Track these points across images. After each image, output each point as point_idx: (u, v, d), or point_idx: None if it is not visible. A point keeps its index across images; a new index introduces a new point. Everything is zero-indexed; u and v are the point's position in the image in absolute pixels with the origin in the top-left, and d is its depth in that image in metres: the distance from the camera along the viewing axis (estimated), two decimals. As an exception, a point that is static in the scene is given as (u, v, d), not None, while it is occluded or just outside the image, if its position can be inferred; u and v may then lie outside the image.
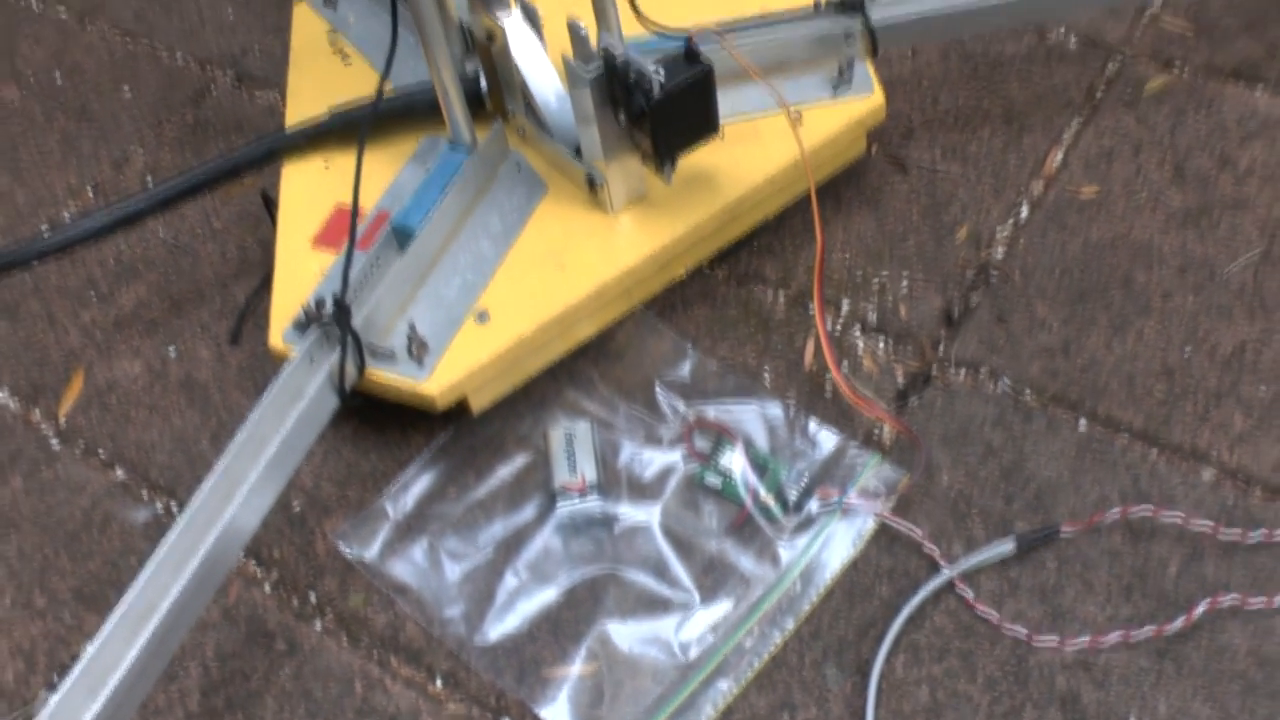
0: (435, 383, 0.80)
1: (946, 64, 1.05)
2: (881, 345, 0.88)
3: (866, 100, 0.92)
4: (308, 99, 1.00)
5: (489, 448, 0.86)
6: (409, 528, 0.82)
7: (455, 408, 0.83)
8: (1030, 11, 0.94)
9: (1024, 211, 0.94)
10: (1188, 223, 0.91)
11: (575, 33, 0.78)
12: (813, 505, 0.79)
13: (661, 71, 0.78)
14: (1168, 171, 0.94)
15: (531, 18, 0.88)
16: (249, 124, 1.13)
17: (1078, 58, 1.04)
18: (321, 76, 1.02)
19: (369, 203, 0.91)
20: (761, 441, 0.83)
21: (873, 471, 0.80)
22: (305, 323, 0.80)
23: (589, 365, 0.88)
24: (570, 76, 0.80)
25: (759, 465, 0.81)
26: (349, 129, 0.94)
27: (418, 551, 0.81)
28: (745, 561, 0.78)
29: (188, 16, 1.24)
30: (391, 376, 0.81)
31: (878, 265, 0.92)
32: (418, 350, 0.81)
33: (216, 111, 1.14)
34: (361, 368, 0.81)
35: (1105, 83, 1.02)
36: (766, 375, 0.87)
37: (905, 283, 0.91)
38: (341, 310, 0.79)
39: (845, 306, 0.90)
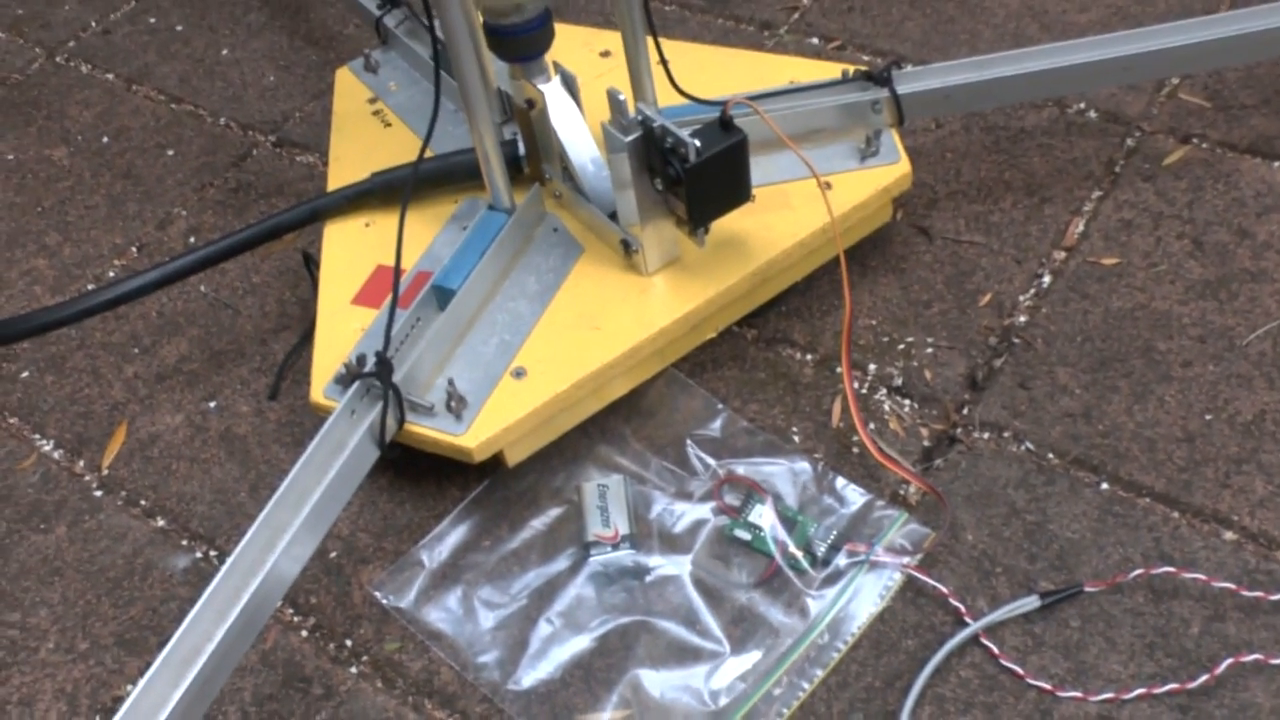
0: (473, 436, 0.82)
1: (969, 135, 1.08)
2: (907, 407, 0.90)
3: (893, 169, 0.95)
4: (349, 162, 1.03)
5: (522, 500, 0.88)
6: (444, 576, 0.84)
7: (490, 462, 0.85)
8: (1051, 85, 0.97)
9: (1046, 280, 0.96)
10: (1207, 293, 0.93)
11: (614, 100, 0.82)
12: (840, 560, 0.81)
13: (698, 139, 0.80)
14: (1186, 243, 0.97)
15: (570, 85, 0.91)
16: (289, 187, 1.16)
17: (1097, 130, 1.07)
18: (363, 140, 1.05)
19: (408, 263, 0.94)
20: (790, 497, 0.85)
21: (899, 528, 0.82)
22: (348, 377, 0.82)
23: (621, 422, 0.91)
24: (609, 142, 0.83)
25: (788, 520, 0.83)
26: (390, 191, 0.97)
27: (452, 599, 0.83)
28: (774, 613, 0.79)
29: (231, 82, 1.29)
30: (431, 430, 0.83)
31: (903, 330, 0.94)
32: (456, 405, 0.83)
33: (258, 174, 1.18)
34: (401, 421, 0.83)
35: (1125, 155, 1.05)
36: (795, 434, 0.89)
37: (930, 348, 0.93)
38: (384, 365, 0.81)
39: (871, 369, 0.92)
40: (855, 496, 0.84)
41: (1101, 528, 0.81)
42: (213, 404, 0.99)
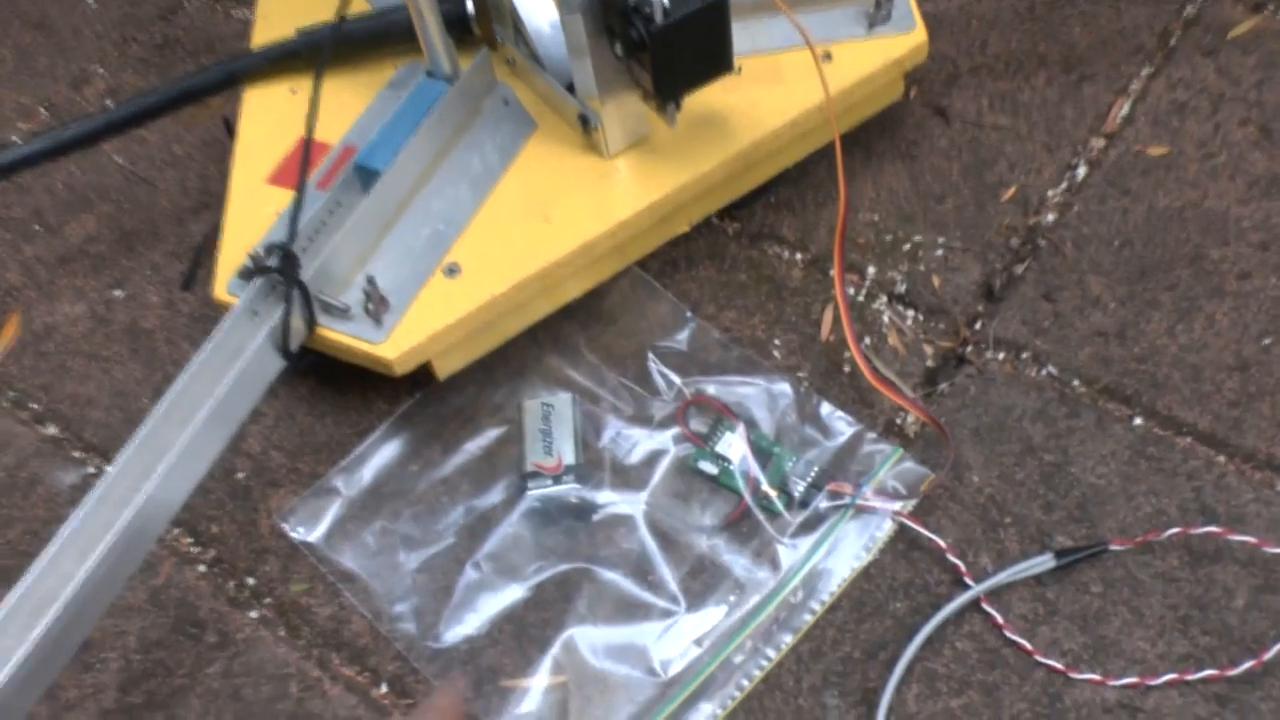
0: (394, 345, 0.70)
1: (999, 1, 0.93)
2: (910, 319, 0.77)
3: (906, 38, 0.80)
4: (278, 18, 0.89)
5: (458, 418, 0.76)
6: (362, 507, 0.73)
7: (423, 373, 0.73)
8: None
9: (1080, 172, 0.82)
10: (1273, 191, 0.79)
11: (565, -54, 0.67)
12: (821, 502, 0.69)
13: (665, -2, 0.66)
14: (1251, 131, 0.82)
15: (522, -71, 0.76)
16: (222, 45, 1.02)
17: (1150, -3, 0.92)
18: (295, -6, 0.91)
19: (333, 137, 0.80)
20: (766, 425, 0.72)
21: (892, 466, 0.70)
22: (251, 272, 0.70)
23: (576, 328, 0.78)
24: (559, 1, 0.69)
25: (762, 451, 0.71)
26: (319, 53, 0.83)
27: (369, 535, 0.72)
28: (740, 563, 0.68)
29: (164, -77, 1.13)
30: (345, 336, 0.71)
31: (910, 228, 0.81)
32: (376, 307, 0.70)
33: (188, 30, 1.04)
34: (311, 324, 0.71)
35: (1182, 25, 0.89)
36: (776, 349, 0.76)
37: (940, 249, 0.79)
38: (288, 259, 0.69)
39: (871, 273, 0.79)
40: (843, 427, 0.72)
41: (1132, 472, 0.68)
42: (119, 292, 0.86)
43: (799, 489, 0.69)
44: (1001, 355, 0.74)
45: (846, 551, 0.67)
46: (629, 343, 0.77)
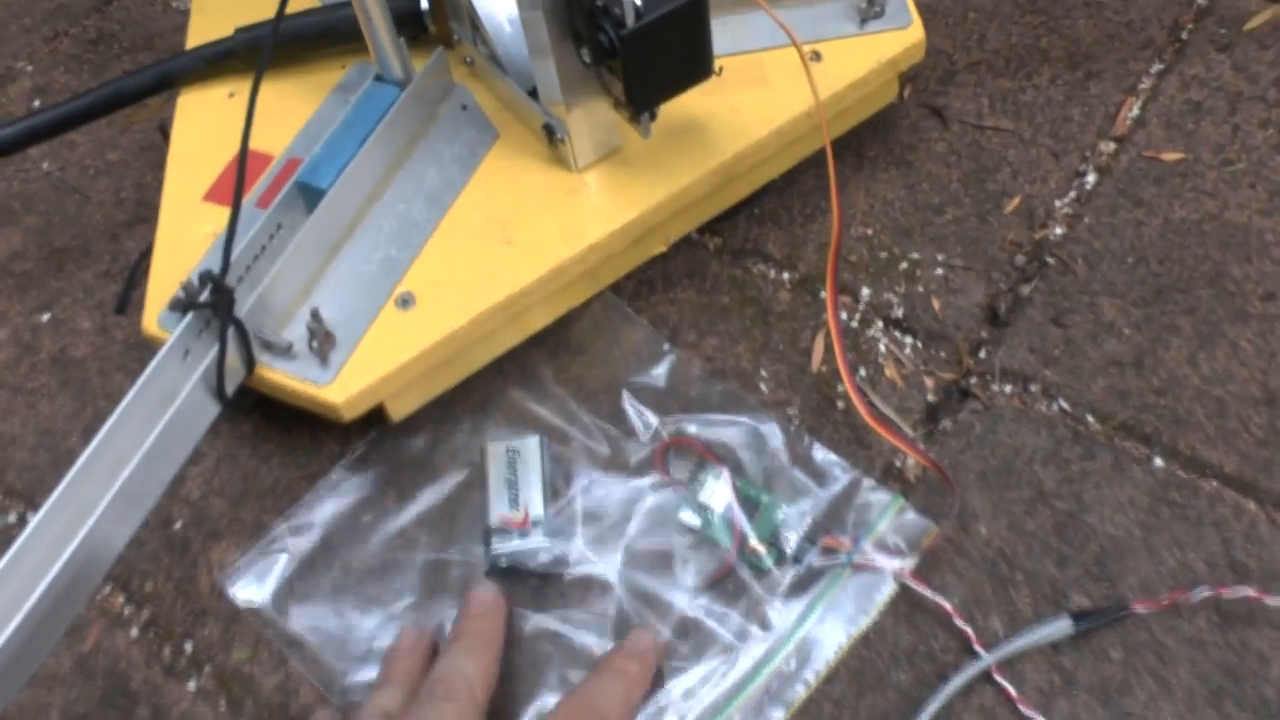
0: (341, 387, 0.63)
1: (1000, -10, 0.86)
2: (908, 347, 0.70)
3: (902, 35, 0.74)
4: (217, 15, 0.82)
5: (415, 463, 0.69)
6: (312, 564, 0.66)
7: (376, 408, 0.66)
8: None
9: (1090, 180, 0.76)
10: (1297, 202, 0.73)
11: (526, -59, 0.60)
12: (814, 558, 0.62)
13: (637, -2, 0.59)
14: (1272, 134, 0.76)
15: (480, -81, 0.69)
16: (161, 40, 0.95)
17: (1161, -14, 0.85)
18: (235, -16, 0.83)
19: (276, 147, 0.73)
20: (754, 469, 0.66)
21: (893, 518, 0.63)
22: (182, 305, 0.63)
23: (541, 358, 0.71)
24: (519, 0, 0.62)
25: (749, 500, 0.64)
26: (259, 52, 0.76)
27: (319, 596, 0.65)
28: (726, 628, 0.61)
29: (99, -96, 1.05)
30: (287, 377, 0.64)
31: (907, 243, 0.74)
32: (322, 343, 0.64)
33: (123, 23, 0.96)
34: (250, 364, 0.64)
35: (1194, 17, 0.83)
36: (763, 381, 0.70)
37: (940, 268, 0.73)
38: (221, 293, 0.62)
39: (865, 295, 0.72)
40: (838, 473, 0.65)
41: (1154, 522, 0.62)
42: (46, 316, 0.79)
43: (790, 544, 0.63)
44: (1009, 388, 0.68)
45: (843, 614, 0.61)
46: (601, 374, 0.70)
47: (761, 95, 0.71)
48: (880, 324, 0.71)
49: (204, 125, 0.76)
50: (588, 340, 0.71)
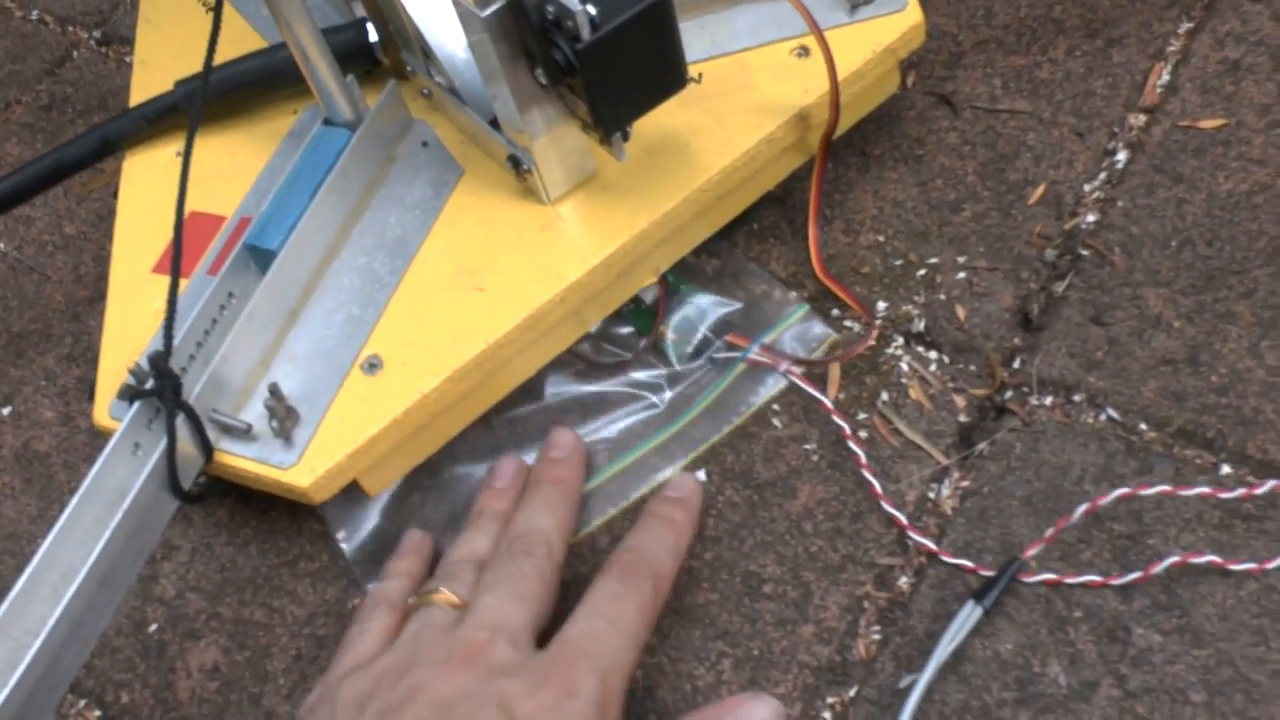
0: (308, 468, 0.57)
1: (1003, -41, 0.79)
2: (934, 364, 0.63)
3: (898, 19, 0.67)
4: (159, 65, 0.76)
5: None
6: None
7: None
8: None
9: (1121, 159, 0.68)
10: (1356, 162, 0.65)
11: (460, -44, 0.54)
12: (717, 350, 0.64)
13: (594, 4, 0.53)
14: (1321, 88, 0.68)
15: (419, -64, 0.63)
16: (115, 99, 0.89)
17: (1180, -63, 0.77)
18: (178, 33, 0.78)
19: (228, 206, 0.68)
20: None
21: (796, 323, 0.65)
22: (131, 393, 0.57)
23: (533, 414, 0.65)
24: (463, 20, 0.55)
25: (675, 292, 0.67)
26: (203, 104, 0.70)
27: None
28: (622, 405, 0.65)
29: (47, -39, 1.01)
30: (248, 461, 0.58)
31: (924, 248, 0.67)
32: (283, 421, 0.58)
33: (77, 85, 0.91)
34: (208, 451, 0.58)
35: (1221, -32, 0.76)
36: (775, 416, 0.63)
37: (963, 272, 0.66)
38: (165, 378, 0.56)
39: (881, 309, 0.65)
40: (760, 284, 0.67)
41: (1227, 540, 0.55)
42: (7, 410, 0.74)
43: (698, 335, 0.65)
44: (1049, 400, 0.61)
45: (729, 404, 0.63)
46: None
47: (747, 100, 0.65)
48: (901, 340, 0.64)
49: (150, 189, 0.70)
50: (579, 386, 0.66)
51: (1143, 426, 0.59)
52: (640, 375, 0.65)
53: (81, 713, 0.62)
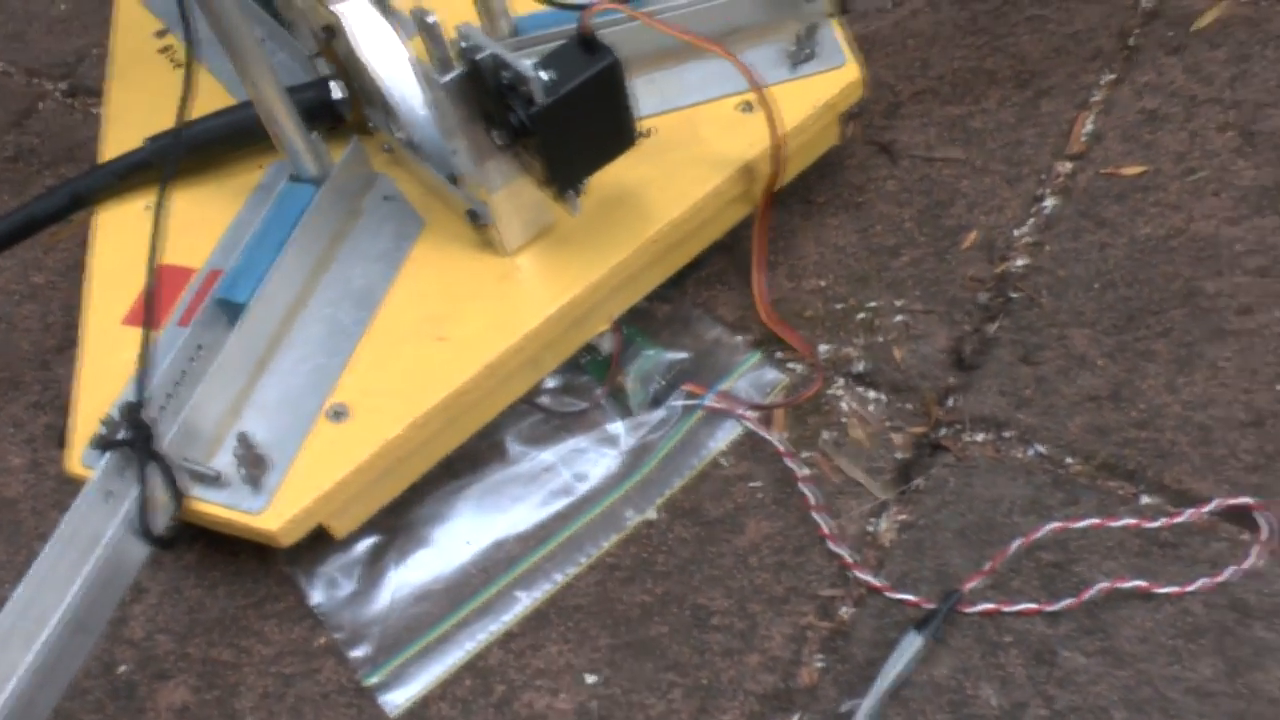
0: (276, 513, 0.60)
1: (937, 14, 0.83)
2: (873, 403, 0.67)
3: (837, 75, 0.70)
4: (129, 121, 0.79)
5: (367, 577, 0.65)
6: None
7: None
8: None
9: (1049, 205, 0.72)
10: (1265, 206, 0.69)
11: (420, 22, 0.57)
12: (676, 399, 0.67)
13: (547, 71, 0.56)
14: (1232, 137, 0.72)
15: (380, 1, 0.66)
16: (82, 150, 0.91)
17: (1104, -8, 0.82)
18: (148, 89, 0.81)
19: (198, 260, 0.70)
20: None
21: (750, 371, 0.68)
22: (104, 443, 0.60)
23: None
24: (423, 84, 0.59)
25: (631, 344, 0.70)
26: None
27: (275, 733, 0.61)
28: (584, 460, 0.67)
29: (11, 13, 1.03)
30: (218, 508, 0.60)
31: (863, 292, 0.71)
32: (253, 468, 0.60)
33: (44, 135, 0.93)
34: (179, 498, 0.60)
35: (1141, 22, 0.80)
36: (724, 458, 0.66)
37: (900, 315, 0.69)
38: (138, 428, 0.58)
39: (823, 352, 0.69)
40: (715, 333, 0.70)
41: (1147, 566, 0.58)
42: (-22, 456, 0.76)
43: (655, 385, 0.68)
44: (981, 436, 0.64)
45: (690, 450, 0.66)
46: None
47: (695, 154, 0.68)
48: (842, 381, 0.68)
49: (121, 243, 0.73)
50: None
51: (1069, 460, 0.63)
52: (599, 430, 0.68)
53: (57, 752, 0.64)
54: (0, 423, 0.77)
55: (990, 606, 0.58)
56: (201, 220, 0.72)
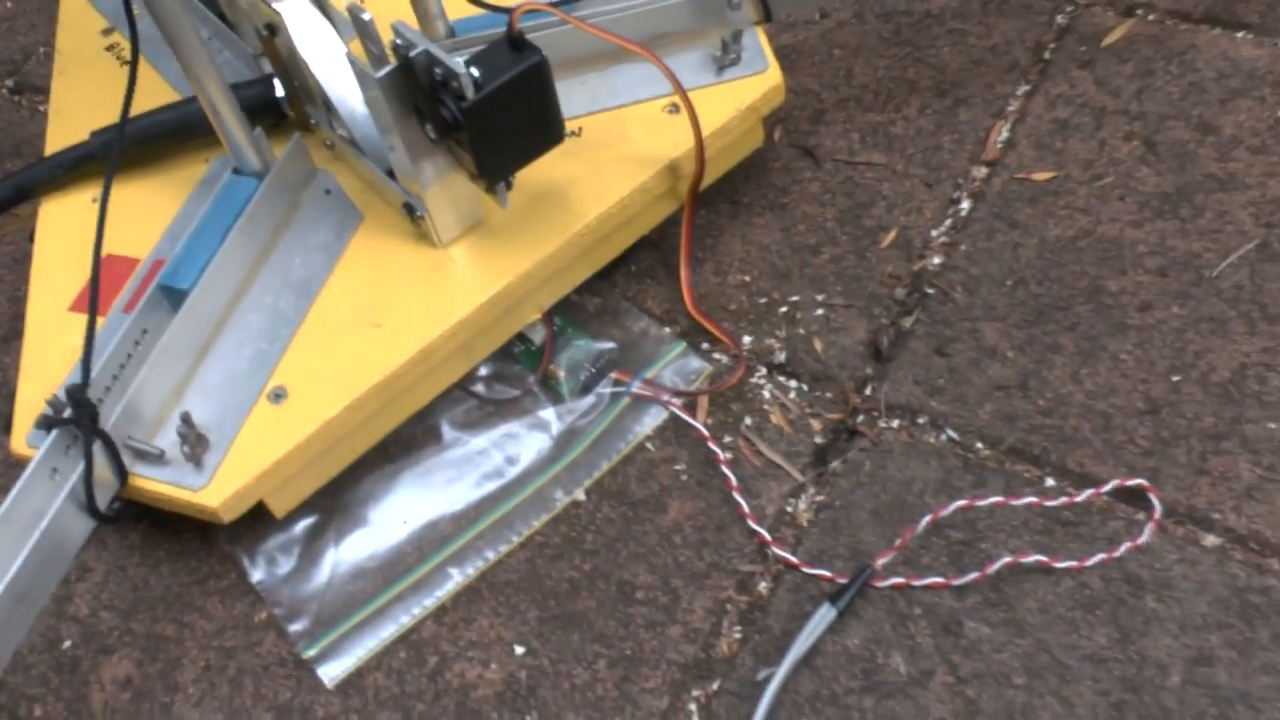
0: (217, 490, 0.62)
1: (862, 25, 0.87)
2: (793, 392, 0.70)
3: (760, 79, 0.74)
4: (74, 116, 0.81)
5: (305, 556, 0.67)
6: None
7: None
8: (957, -43, 0.76)
9: (964, 207, 0.76)
10: (1165, 211, 0.73)
11: (356, 20, 0.60)
12: (604, 386, 0.71)
13: (476, 68, 0.59)
14: (1136, 146, 0.76)
15: (320, 1, 0.69)
16: (29, 146, 0.93)
17: (1020, 8, 0.86)
18: (92, 86, 0.83)
19: (142, 249, 0.72)
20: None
21: (674, 359, 0.72)
22: (48, 422, 0.62)
23: (428, 440, 0.70)
24: (359, 80, 0.61)
25: (561, 334, 0.73)
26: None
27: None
28: (516, 442, 0.70)
29: (-38, 16, 1.05)
30: (161, 484, 0.62)
31: (786, 286, 0.74)
32: (195, 447, 0.62)
33: (-9, 132, 0.95)
34: (123, 475, 0.62)
35: (1055, 37, 0.84)
36: (650, 442, 0.69)
37: (821, 309, 0.73)
38: (82, 407, 0.60)
39: (746, 343, 0.72)
40: (640, 323, 0.73)
41: (1049, 543, 0.62)
42: (-77, 443, 0.77)
43: (584, 372, 0.71)
44: (896, 423, 0.68)
45: (616, 434, 0.69)
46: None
47: (623, 152, 0.71)
48: (764, 370, 0.71)
49: (67, 234, 0.75)
50: (471, 414, 0.71)
51: (978, 445, 0.66)
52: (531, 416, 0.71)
53: (-3, 727, 0.65)
54: (-56, 410, 0.78)
55: (900, 580, 0.61)
56: (146, 212, 0.74)
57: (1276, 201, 0.72)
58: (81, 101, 0.81)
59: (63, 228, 0.75)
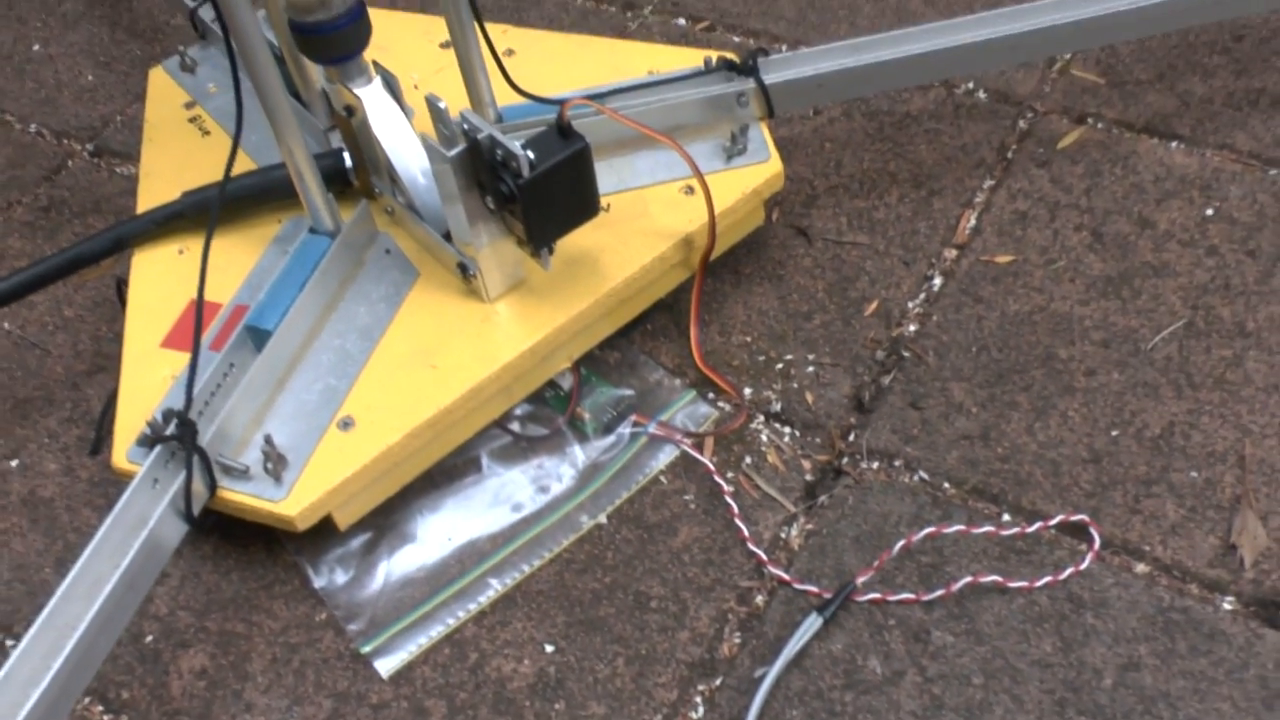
0: (294, 502, 0.72)
1: (850, 122, 0.99)
2: (787, 436, 0.81)
3: (763, 168, 0.85)
4: (162, 178, 0.92)
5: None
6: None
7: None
8: (931, 69, 0.88)
9: (936, 282, 0.88)
10: (1109, 291, 0.85)
11: (433, 108, 0.71)
12: (624, 428, 0.81)
13: (531, 150, 0.71)
14: (1085, 235, 0.89)
15: (393, 87, 0.80)
16: (108, 204, 1.04)
17: (988, 112, 0.98)
18: (178, 152, 0.94)
19: (224, 296, 0.83)
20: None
21: (685, 405, 0.83)
22: (150, 439, 0.72)
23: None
24: (430, 156, 0.73)
25: (586, 383, 0.83)
26: (203, 212, 0.86)
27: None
28: (544, 474, 0.81)
29: (43, 82, 1.16)
30: (246, 496, 0.73)
31: (781, 347, 0.85)
32: (275, 466, 0.73)
33: (73, 190, 1.06)
34: (212, 488, 0.73)
35: (1017, 139, 0.96)
36: (663, 475, 0.80)
37: (811, 366, 0.84)
38: (185, 426, 0.71)
39: (747, 394, 0.83)
40: (656, 375, 0.84)
41: (1005, 568, 0.73)
42: (14, 462, 0.87)
43: (607, 415, 0.81)
44: (875, 464, 0.79)
45: (634, 469, 0.80)
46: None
47: (645, 226, 0.82)
48: (762, 418, 0.82)
49: (158, 280, 0.85)
50: (508, 447, 0.82)
51: (946, 485, 0.77)
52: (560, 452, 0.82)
53: (87, 707, 0.75)
54: (36, 434, 0.88)
55: (877, 596, 0.72)
56: (226, 263, 0.85)
57: (1202, 287, 0.84)
58: (167, 166, 0.92)
59: (153, 276, 0.86)
